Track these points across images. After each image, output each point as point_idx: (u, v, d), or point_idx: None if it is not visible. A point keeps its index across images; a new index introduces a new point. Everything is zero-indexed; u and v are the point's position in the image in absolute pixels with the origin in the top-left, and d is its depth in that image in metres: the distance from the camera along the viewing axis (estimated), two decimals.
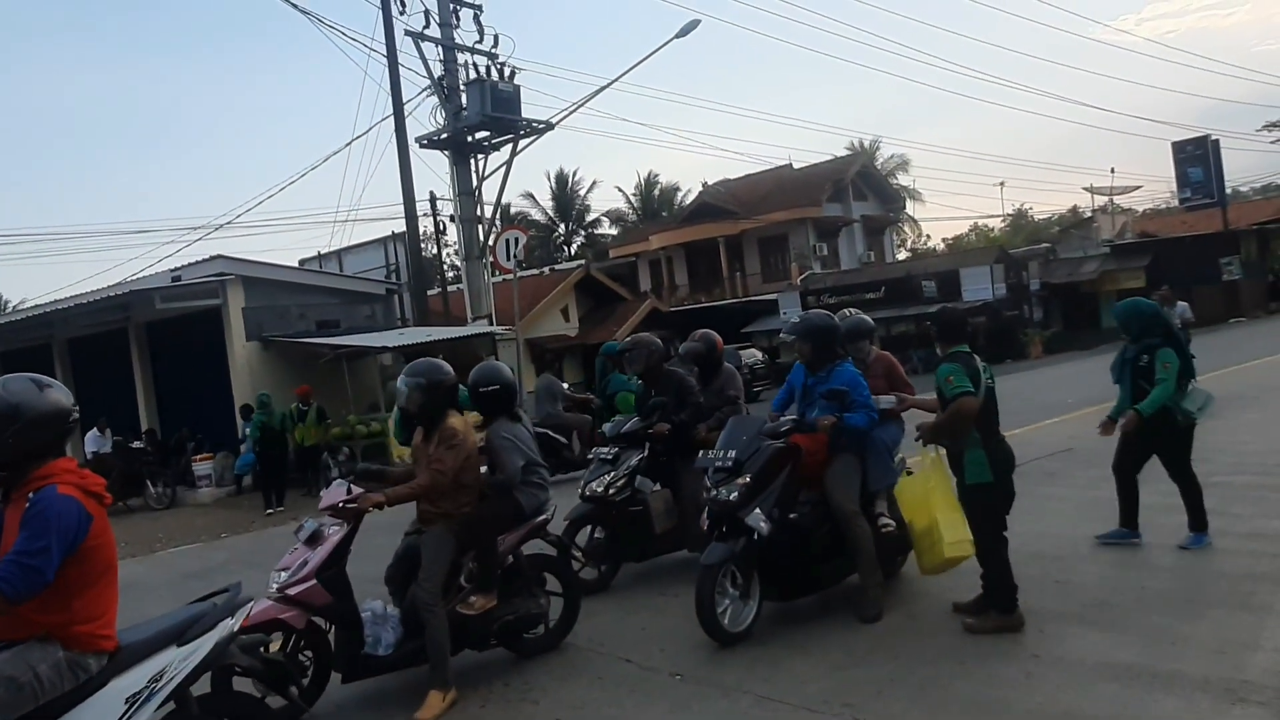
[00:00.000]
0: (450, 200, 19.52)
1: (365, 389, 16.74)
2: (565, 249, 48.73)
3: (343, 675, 4.37)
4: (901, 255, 45.58)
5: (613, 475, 6.09)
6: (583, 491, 6.16)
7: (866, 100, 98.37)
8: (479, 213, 18.64)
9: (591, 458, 6.54)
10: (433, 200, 25.22)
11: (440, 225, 25.90)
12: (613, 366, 9.14)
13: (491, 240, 18.15)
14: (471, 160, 18.50)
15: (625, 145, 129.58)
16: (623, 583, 6.19)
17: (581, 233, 49.70)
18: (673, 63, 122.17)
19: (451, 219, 20.27)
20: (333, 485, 4.52)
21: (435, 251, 28.90)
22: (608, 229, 49.46)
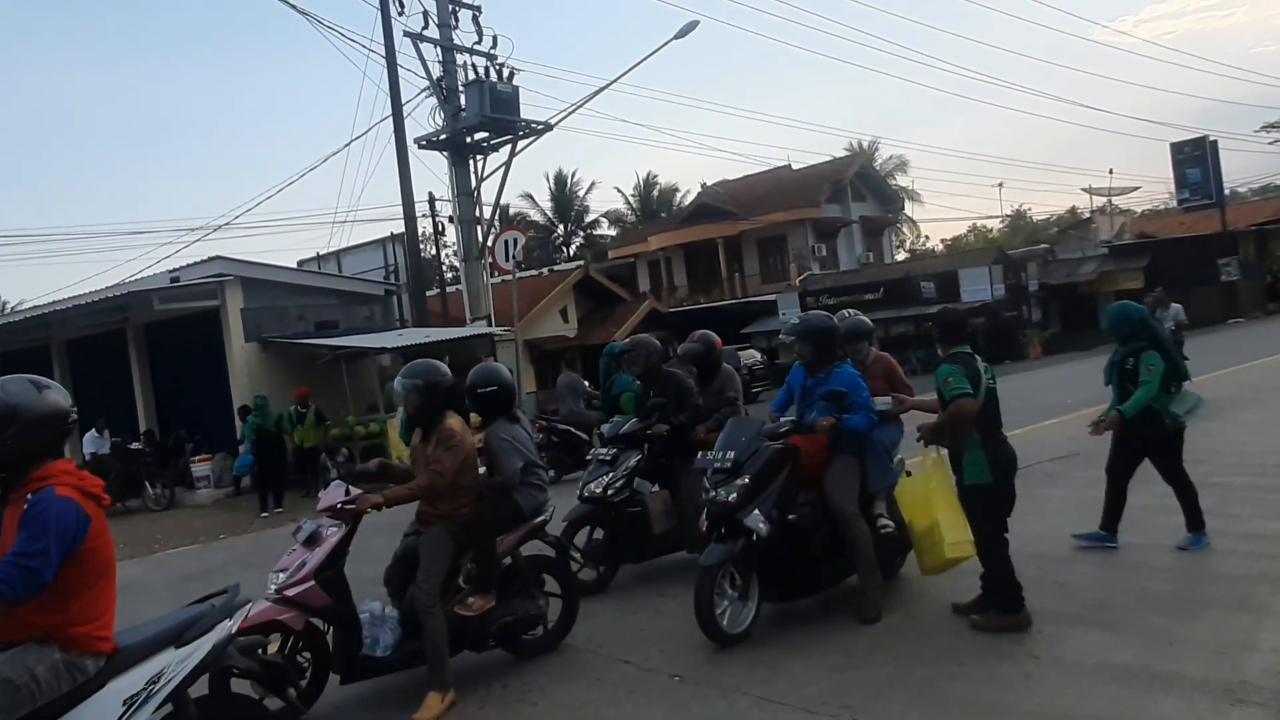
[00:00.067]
0: (449, 201, 19.55)
1: (364, 390, 16.75)
2: (564, 250, 48.73)
3: (341, 677, 4.37)
4: (900, 256, 45.63)
5: (611, 476, 6.09)
6: (581, 492, 6.16)
7: (865, 101, 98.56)
8: (478, 213, 18.63)
9: (590, 459, 6.54)
10: (431, 201, 25.29)
11: (439, 226, 25.95)
12: (617, 367, 9.14)
13: (490, 241, 18.16)
14: (470, 161, 18.50)
15: (624, 146, 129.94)
16: (621, 584, 6.18)
17: (580, 233, 49.71)
18: (672, 64, 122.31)
19: (450, 220, 20.30)
20: (331, 486, 4.52)
21: (434, 252, 28.96)
22: (607, 230, 49.51)
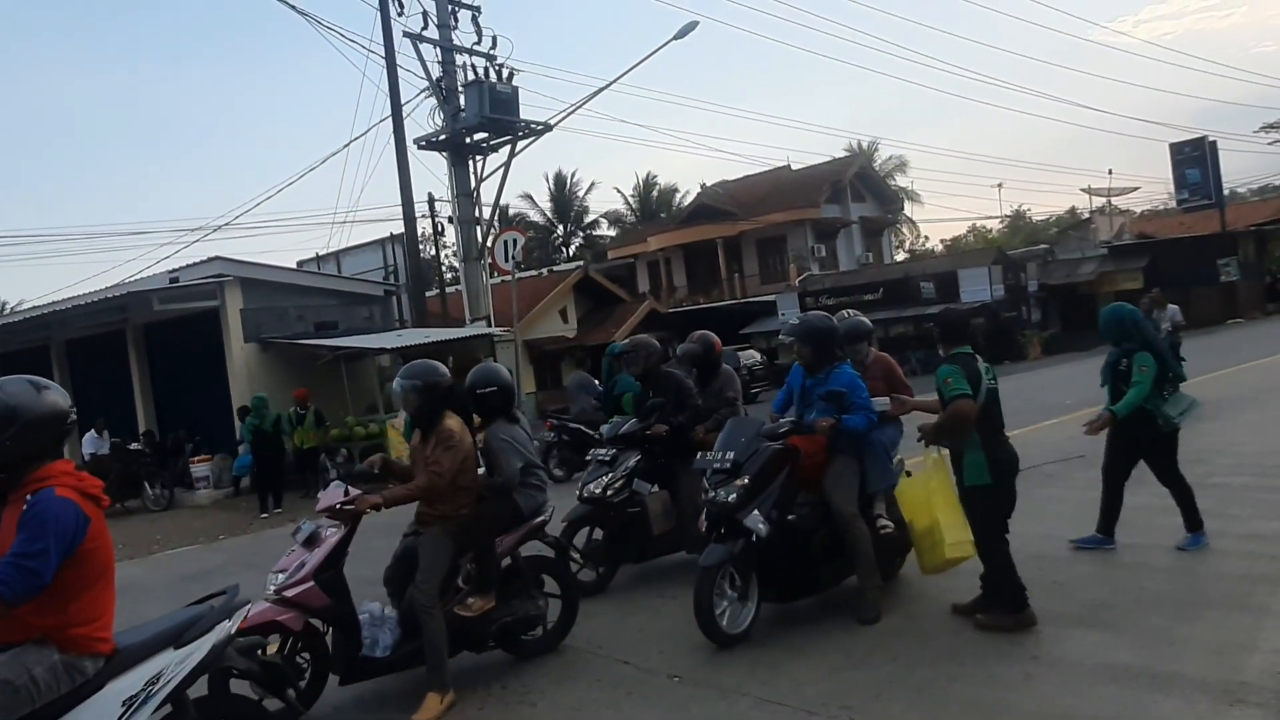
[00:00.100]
0: (448, 201, 19.56)
1: (363, 390, 16.75)
2: (564, 250, 48.74)
3: (340, 677, 4.36)
4: (900, 256, 45.65)
5: (610, 477, 6.09)
6: (580, 493, 6.16)
7: (864, 101, 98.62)
8: (477, 214, 18.64)
9: (590, 459, 6.54)
10: (431, 201, 25.30)
11: (439, 226, 25.93)
12: (620, 367, 9.15)
13: (490, 241, 18.17)
14: (470, 161, 18.51)
15: (623, 146, 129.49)
16: (621, 584, 6.18)
17: (580, 234, 49.72)
18: (671, 64, 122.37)
19: (450, 220, 20.31)
20: (330, 487, 4.52)
21: (433, 253, 28.93)
22: (606, 230, 49.53)
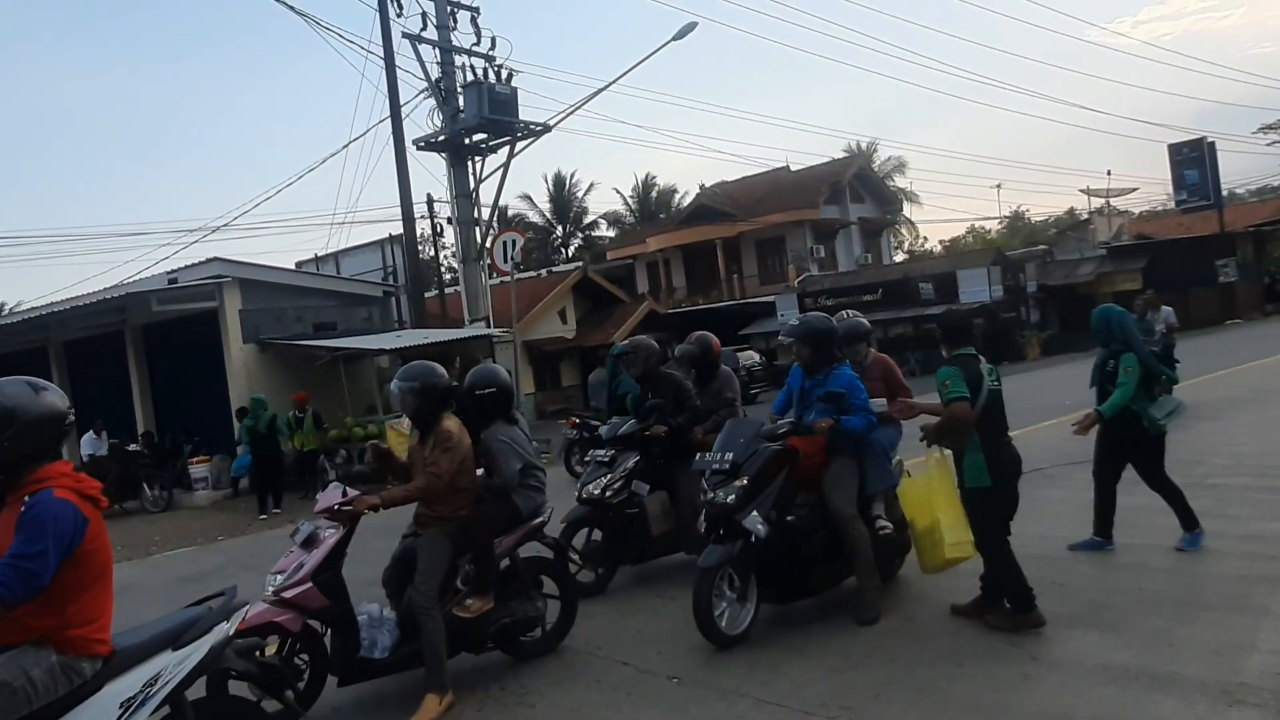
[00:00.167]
0: (447, 202, 19.53)
1: (362, 391, 16.75)
2: (563, 251, 48.76)
3: (339, 679, 4.36)
4: (899, 257, 45.66)
5: (609, 478, 6.09)
6: (579, 494, 6.16)
7: (863, 102, 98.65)
8: (476, 215, 18.62)
9: (589, 460, 6.54)
10: (430, 202, 25.32)
11: (438, 227, 25.95)
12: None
13: (489, 242, 18.16)
14: (469, 162, 18.49)
15: (623, 147, 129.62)
16: (620, 585, 6.18)
17: (579, 235, 49.75)
18: (670, 65, 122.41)
19: (449, 221, 20.31)
20: (329, 488, 4.52)
21: (433, 254, 28.89)
22: (605, 231, 49.56)
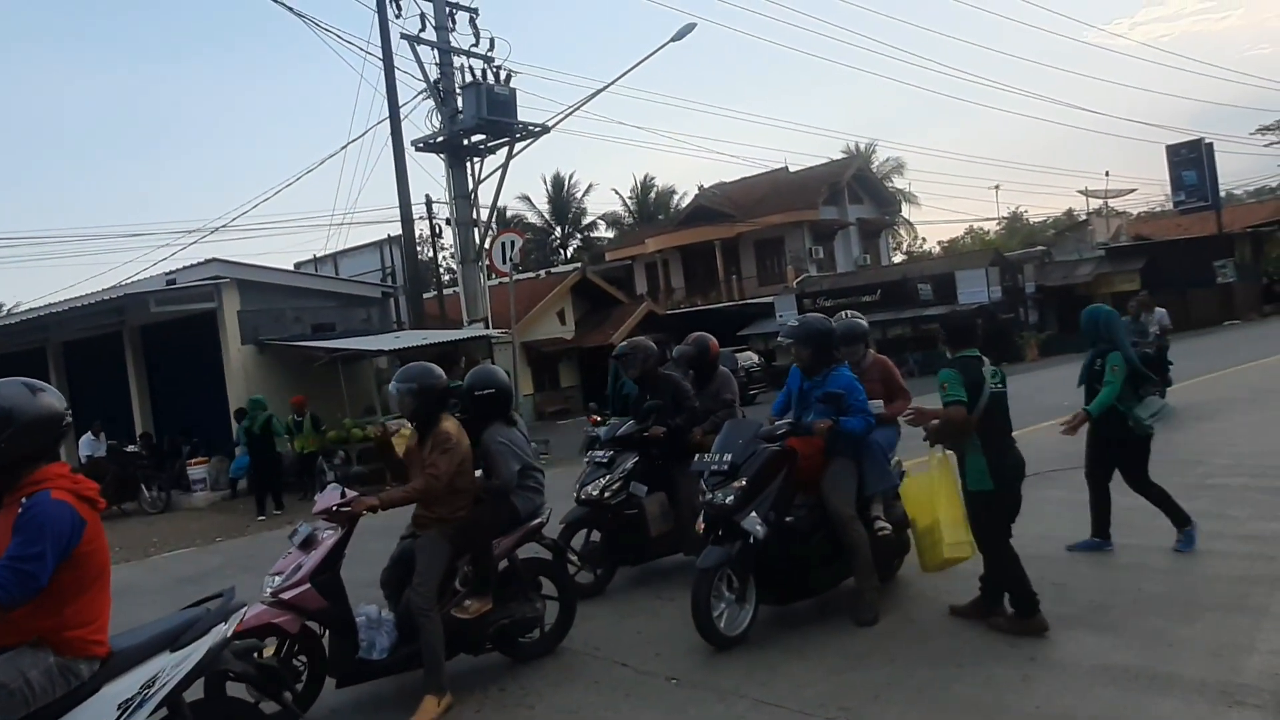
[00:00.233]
0: (446, 203, 19.54)
1: (361, 392, 16.74)
2: (561, 252, 48.77)
3: (337, 680, 4.35)
4: (897, 258, 45.67)
5: (608, 479, 6.09)
6: (578, 495, 6.16)
7: (862, 103, 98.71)
8: (475, 216, 18.63)
9: (587, 461, 6.53)
10: (429, 203, 25.28)
11: (436, 228, 25.90)
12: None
13: (487, 243, 18.16)
14: (467, 163, 18.50)
15: (621, 148, 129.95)
16: (618, 586, 6.17)
17: (578, 236, 49.76)
18: (669, 66, 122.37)
19: (447, 222, 20.31)
20: (327, 489, 4.51)
21: (431, 255, 28.89)
22: (604, 232, 49.58)
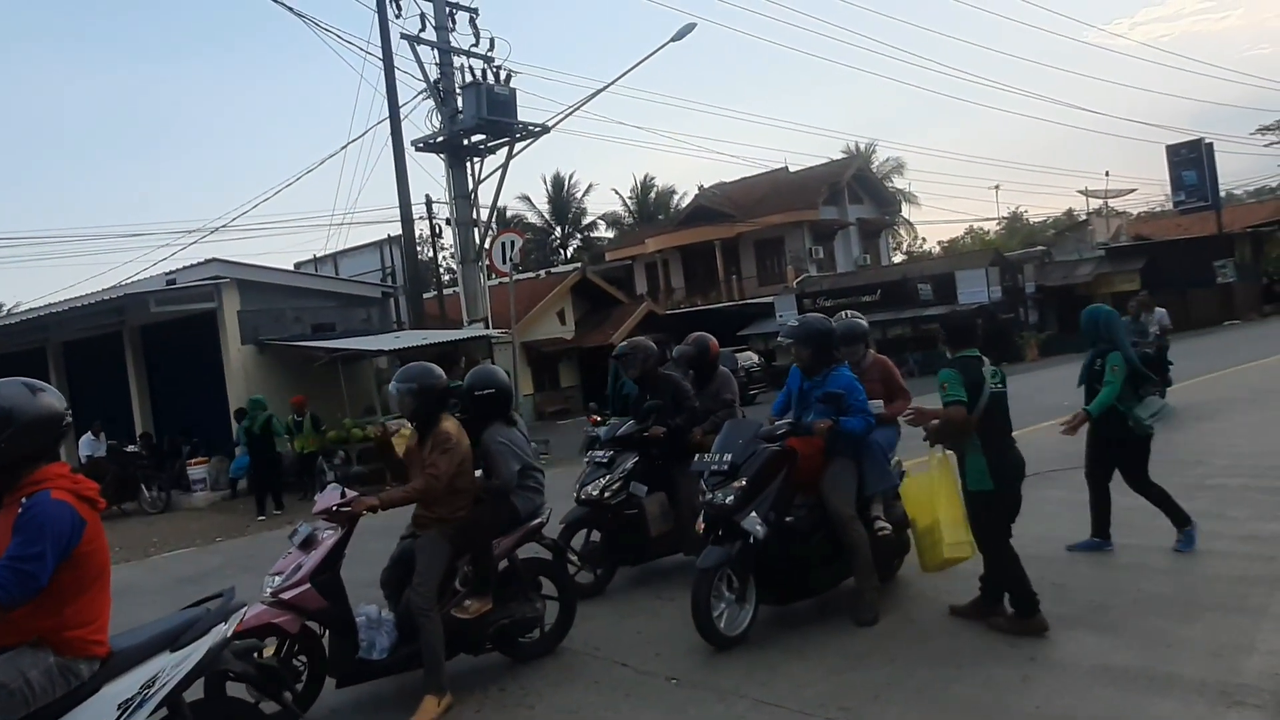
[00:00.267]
0: (446, 203, 19.54)
1: (361, 392, 16.75)
2: (561, 252, 48.77)
3: (337, 680, 4.35)
4: (897, 258, 45.66)
5: (608, 479, 6.09)
6: (578, 495, 6.16)
7: (862, 103, 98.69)
8: (475, 216, 18.63)
9: (587, 461, 6.54)
10: (428, 203, 25.27)
11: (436, 228, 25.90)
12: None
13: (487, 243, 18.16)
14: (467, 163, 18.50)
15: (621, 148, 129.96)
16: (618, 586, 6.18)
17: (578, 236, 49.75)
18: (668, 66, 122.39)
19: (447, 222, 20.31)
20: (327, 489, 4.51)
21: (431, 255, 28.89)
22: (604, 232, 49.57)
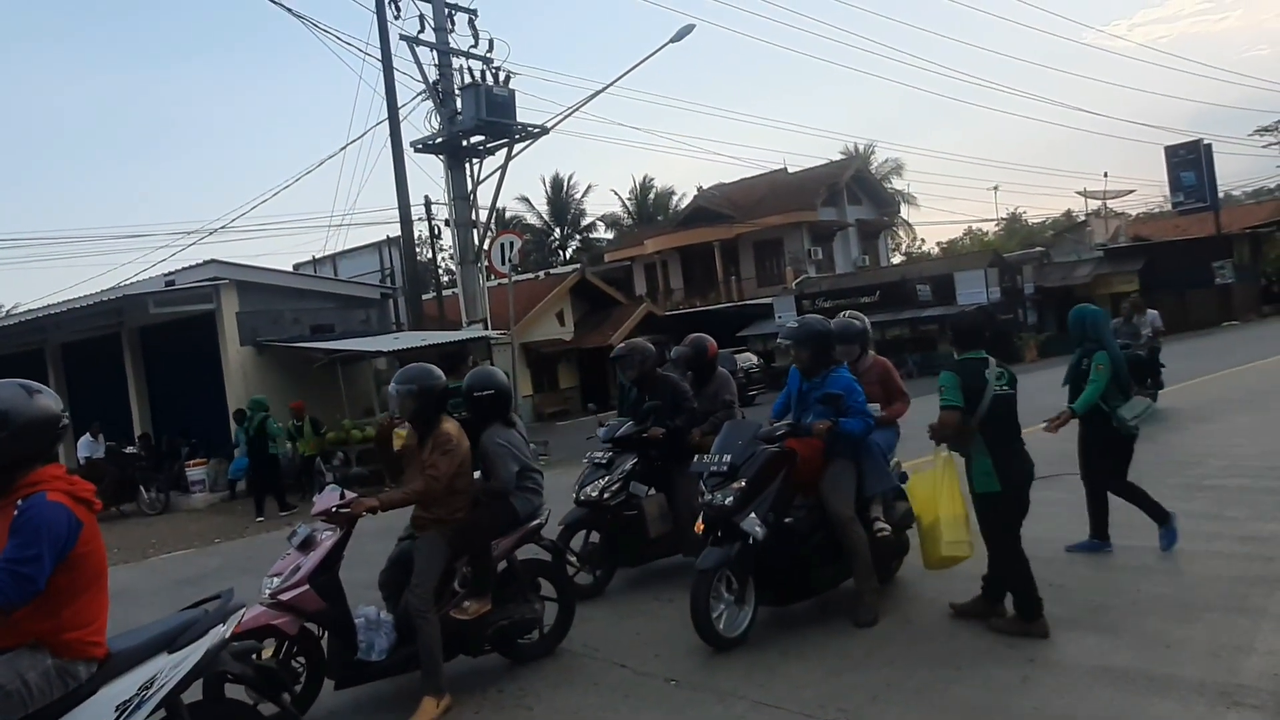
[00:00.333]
0: (445, 204, 19.53)
1: (360, 393, 16.75)
2: (560, 253, 48.76)
3: (336, 682, 4.35)
4: (896, 259, 45.68)
5: (607, 480, 6.08)
6: (577, 496, 6.15)
7: (861, 104, 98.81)
8: (474, 217, 18.63)
9: (585, 462, 6.53)
10: (428, 205, 25.29)
11: (435, 230, 25.91)
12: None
13: (487, 244, 18.16)
14: (466, 164, 18.49)
15: (620, 149, 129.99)
16: (617, 588, 6.17)
17: (577, 237, 49.75)
18: (668, 67, 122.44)
19: (446, 223, 20.33)
20: (326, 490, 4.50)
21: (430, 256, 28.89)
22: (603, 233, 49.58)
